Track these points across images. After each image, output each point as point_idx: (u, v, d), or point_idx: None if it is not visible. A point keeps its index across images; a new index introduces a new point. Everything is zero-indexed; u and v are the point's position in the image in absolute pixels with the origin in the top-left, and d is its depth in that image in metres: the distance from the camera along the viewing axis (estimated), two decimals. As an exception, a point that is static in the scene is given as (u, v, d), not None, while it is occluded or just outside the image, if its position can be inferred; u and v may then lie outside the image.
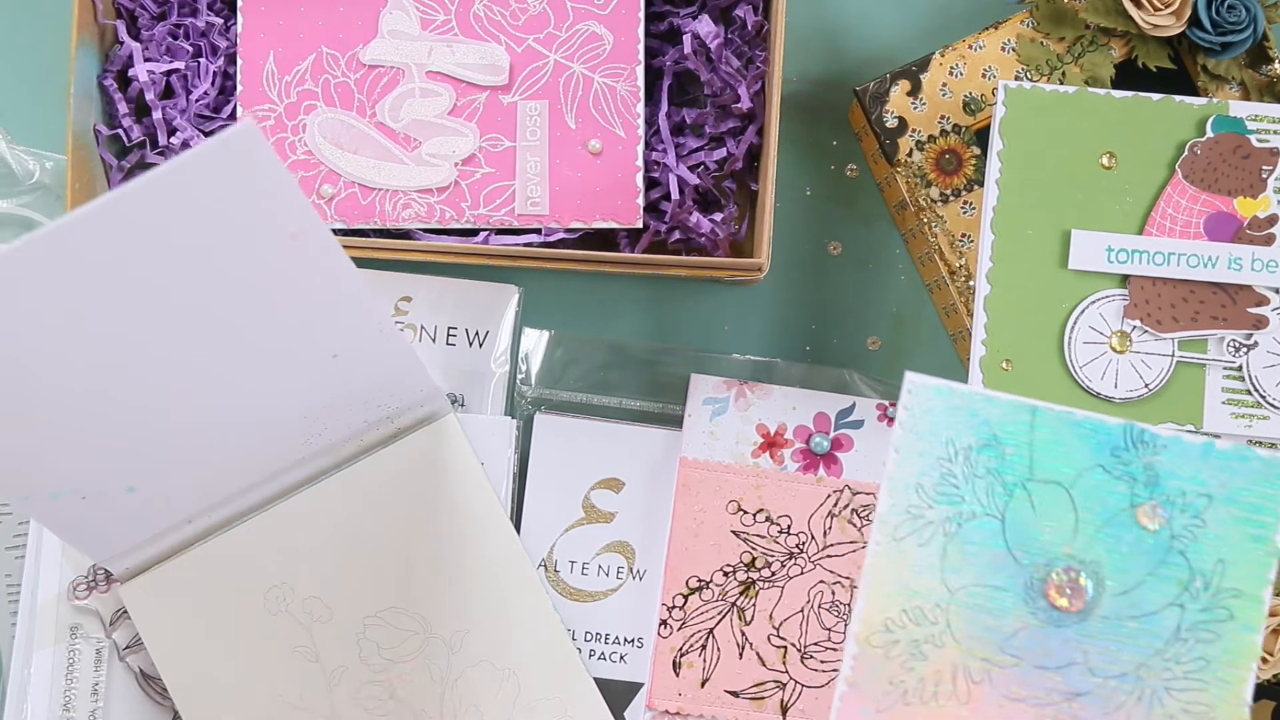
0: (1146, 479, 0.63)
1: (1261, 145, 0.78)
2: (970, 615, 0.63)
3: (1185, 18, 0.80)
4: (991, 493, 0.64)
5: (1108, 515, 0.63)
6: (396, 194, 0.81)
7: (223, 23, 0.82)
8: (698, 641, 0.82)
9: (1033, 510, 0.64)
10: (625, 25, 0.81)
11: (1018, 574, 0.63)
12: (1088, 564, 0.64)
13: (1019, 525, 0.64)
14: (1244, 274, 0.77)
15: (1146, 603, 0.63)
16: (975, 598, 0.64)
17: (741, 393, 0.83)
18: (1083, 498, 0.64)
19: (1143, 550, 0.63)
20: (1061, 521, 0.64)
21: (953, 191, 0.82)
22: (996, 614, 0.63)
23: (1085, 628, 0.63)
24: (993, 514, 0.64)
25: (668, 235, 0.82)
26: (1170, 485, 0.63)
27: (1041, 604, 0.63)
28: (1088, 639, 0.63)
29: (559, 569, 0.82)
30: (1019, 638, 0.63)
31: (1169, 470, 0.63)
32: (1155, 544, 0.63)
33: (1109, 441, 0.64)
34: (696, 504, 0.82)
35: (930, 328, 0.87)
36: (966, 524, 0.64)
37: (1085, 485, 0.63)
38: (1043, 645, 0.63)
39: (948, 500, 0.64)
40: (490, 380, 0.83)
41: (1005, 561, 0.63)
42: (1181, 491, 0.63)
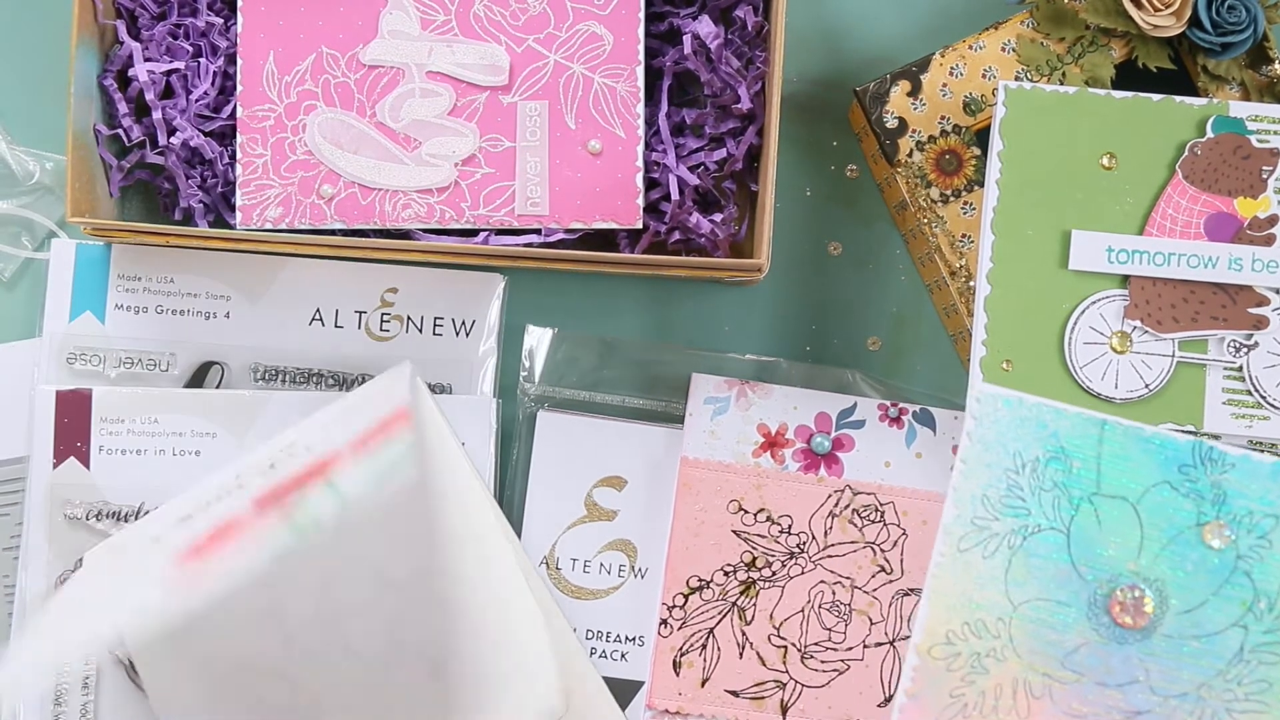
0: (1214, 497, 0.63)
1: (1262, 146, 0.78)
2: (1033, 630, 0.63)
3: (1185, 18, 0.80)
4: (1058, 506, 0.64)
5: (1174, 533, 0.63)
6: (396, 194, 0.81)
7: (223, 23, 0.82)
8: (698, 641, 0.82)
9: (1099, 525, 0.63)
10: (625, 26, 0.81)
11: (1082, 589, 0.63)
12: (1152, 581, 0.63)
13: (1084, 540, 0.63)
14: (1244, 274, 0.77)
15: (1210, 623, 0.63)
16: (1038, 612, 0.64)
17: (743, 392, 0.83)
18: (1149, 514, 0.63)
19: (1207, 569, 0.63)
20: (1127, 538, 0.63)
21: (953, 192, 0.82)
22: (1059, 629, 0.63)
23: (1147, 646, 0.63)
24: (1058, 528, 0.64)
25: (667, 236, 0.82)
26: (1237, 504, 0.63)
27: (1105, 620, 0.63)
28: (1150, 657, 0.63)
29: (560, 566, 0.82)
30: (1081, 654, 0.63)
31: (1237, 489, 0.63)
32: (1220, 563, 0.63)
33: (1177, 458, 0.63)
34: (697, 503, 0.82)
35: (930, 328, 0.87)
36: (1032, 537, 0.64)
37: (1152, 502, 0.63)
38: (1104, 662, 0.63)
39: (1013, 513, 0.64)
40: (477, 369, 0.83)
41: (1069, 576, 0.63)
42: (1249, 511, 0.63)
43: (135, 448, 0.81)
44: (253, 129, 0.81)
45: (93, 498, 0.80)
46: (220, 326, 0.83)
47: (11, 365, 0.82)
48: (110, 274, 0.82)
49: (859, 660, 0.82)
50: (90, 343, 0.82)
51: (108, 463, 0.80)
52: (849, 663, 0.82)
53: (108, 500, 0.80)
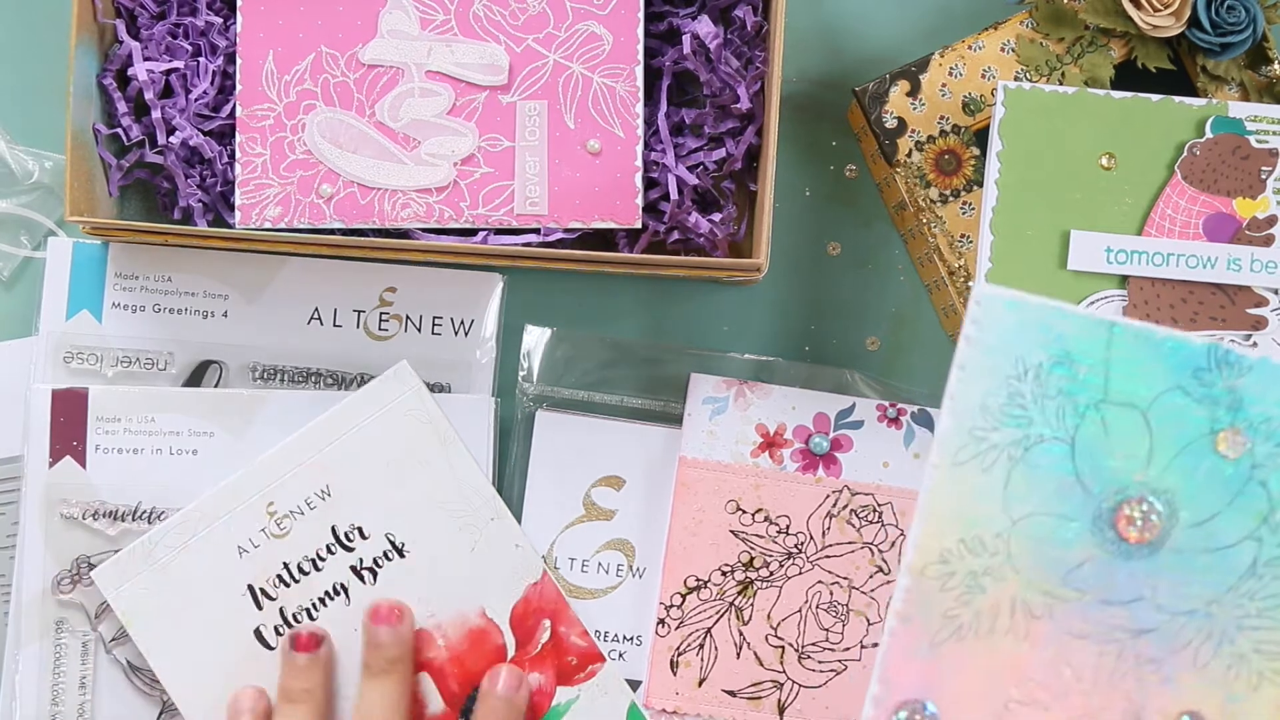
0: (1229, 403, 0.59)
1: (1260, 146, 0.78)
2: (1033, 546, 0.60)
3: (1185, 18, 0.80)
4: (1062, 415, 0.60)
5: (1185, 442, 0.60)
6: (395, 194, 0.81)
7: (222, 22, 0.82)
8: (695, 641, 0.82)
9: (1105, 435, 0.60)
10: (624, 25, 0.81)
11: (1086, 503, 0.60)
12: (1161, 493, 0.60)
13: (1090, 451, 0.60)
14: (1243, 275, 0.77)
15: (1222, 535, 0.59)
16: (1039, 527, 0.60)
17: (741, 392, 0.83)
18: (1159, 422, 0.60)
19: (1220, 480, 0.59)
20: (1136, 448, 0.60)
21: (952, 192, 0.82)
22: (1061, 545, 0.60)
23: (1155, 561, 0.59)
24: (1062, 438, 0.60)
25: (667, 235, 0.82)
26: (1254, 411, 0.59)
27: (1110, 535, 0.60)
28: (1157, 573, 0.59)
29: (559, 566, 0.82)
30: (1084, 570, 0.59)
31: (1254, 394, 0.59)
32: (1234, 473, 0.59)
33: (1191, 361, 0.60)
34: (695, 503, 0.82)
35: (929, 328, 0.87)
36: (1033, 448, 0.60)
37: (1163, 409, 0.59)
38: (1109, 579, 0.60)
39: (1015, 423, 0.60)
40: (476, 369, 0.83)
41: (1073, 489, 0.60)
42: (1266, 418, 0.59)
43: (132, 447, 0.81)
44: (252, 128, 0.81)
45: (89, 497, 0.80)
46: (218, 326, 0.83)
47: (9, 364, 0.82)
48: (108, 273, 0.82)
49: (856, 661, 0.82)
50: (87, 342, 0.82)
51: (104, 462, 0.80)
52: (846, 663, 0.82)
53: (104, 500, 0.80)
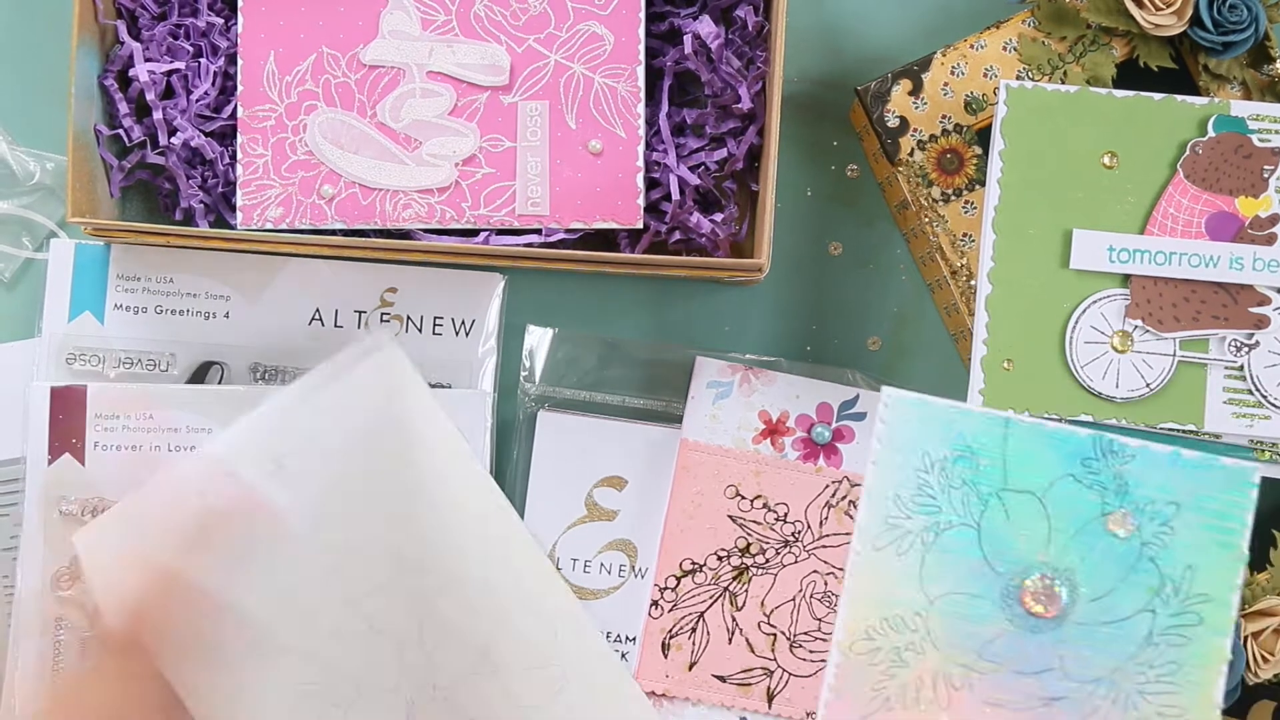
0: (1117, 487, 0.66)
1: (1263, 145, 0.77)
2: (949, 623, 0.66)
3: (1187, 17, 0.80)
4: (967, 502, 0.66)
5: (1080, 523, 0.66)
6: (397, 194, 0.81)
7: (223, 23, 0.82)
8: (688, 624, 0.82)
9: (1007, 519, 0.66)
10: (626, 26, 0.81)
11: (994, 582, 0.65)
12: (1062, 571, 0.66)
13: (995, 534, 0.66)
14: (1245, 273, 0.77)
15: (1119, 609, 0.65)
16: (954, 605, 0.66)
17: (746, 378, 0.83)
18: (1055, 506, 0.66)
19: (1114, 557, 0.65)
20: (1035, 530, 0.66)
21: (954, 191, 0.82)
22: (975, 621, 0.66)
23: (1061, 634, 0.65)
24: (969, 523, 0.66)
25: (668, 235, 0.82)
26: (1139, 493, 0.65)
27: (1018, 611, 0.65)
28: (1063, 644, 0.65)
29: (561, 566, 0.82)
30: (997, 644, 0.65)
31: (1138, 479, 0.65)
32: (1126, 551, 0.65)
33: (1079, 451, 0.66)
34: (695, 486, 0.82)
35: (931, 327, 0.87)
36: (944, 533, 0.66)
37: (1058, 494, 0.66)
38: (1020, 651, 0.65)
39: (925, 510, 0.66)
40: (477, 369, 0.83)
41: (982, 570, 0.66)
42: (1150, 500, 0.66)
43: (130, 444, 0.80)
44: (253, 129, 0.81)
45: (88, 494, 0.80)
46: (220, 326, 0.83)
47: (11, 366, 0.82)
48: (110, 274, 0.82)
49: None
50: (89, 343, 0.82)
51: (103, 459, 0.80)
52: (845, 660, 0.82)
53: (103, 496, 0.80)
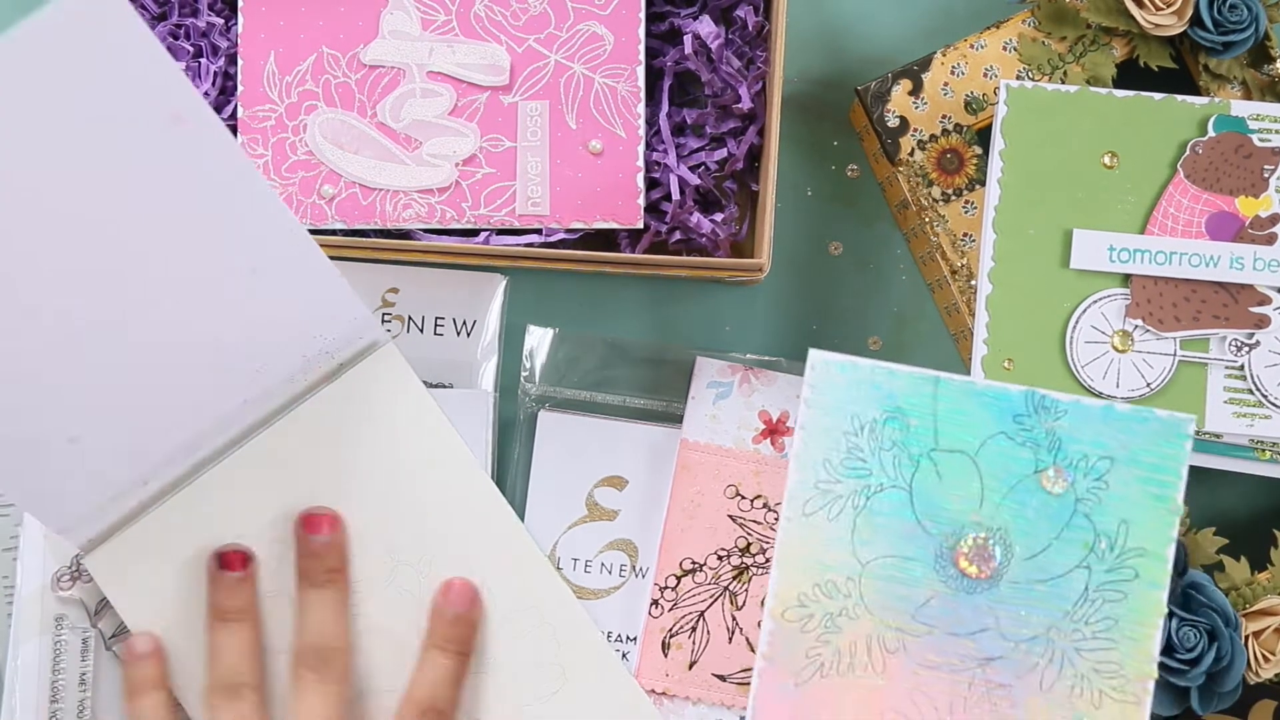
0: (1049, 444, 0.65)
1: (1263, 144, 0.78)
2: (882, 586, 0.65)
3: (1187, 17, 0.80)
4: (898, 464, 0.65)
5: (1013, 481, 0.65)
6: (397, 194, 0.81)
7: (223, 23, 0.82)
8: (688, 623, 0.82)
9: (939, 480, 0.65)
10: (626, 26, 0.81)
11: (927, 543, 0.65)
12: (995, 530, 0.65)
13: (926, 495, 0.65)
14: (1246, 273, 0.77)
15: (1054, 566, 0.65)
16: (886, 569, 0.65)
17: (746, 378, 0.83)
18: (987, 465, 0.65)
19: (1048, 514, 0.65)
20: (968, 490, 0.65)
21: (954, 191, 0.82)
22: (908, 584, 0.65)
23: (995, 593, 0.65)
24: (900, 485, 0.65)
25: (668, 235, 0.82)
26: (1073, 449, 0.65)
27: (952, 572, 0.65)
28: (998, 604, 0.65)
29: (561, 566, 0.82)
30: (931, 606, 0.65)
31: (1070, 434, 0.65)
32: (1060, 508, 0.65)
33: (1011, 408, 0.65)
34: (694, 486, 0.82)
35: (932, 327, 0.87)
36: (875, 496, 0.65)
37: (989, 453, 0.65)
38: (954, 613, 0.65)
39: (855, 474, 0.65)
40: (478, 369, 0.83)
41: (914, 532, 0.65)
42: (1084, 455, 0.65)
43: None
44: (253, 129, 0.81)
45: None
46: (221, 327, 0.83)
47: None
48: (111, 274, 0.82)
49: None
50: (91, 343, 0.82)
51: (103, 458, 0.80)
52: (850, 662, 0.82)
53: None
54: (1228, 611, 0.75)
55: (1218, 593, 0.76)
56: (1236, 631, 0.75)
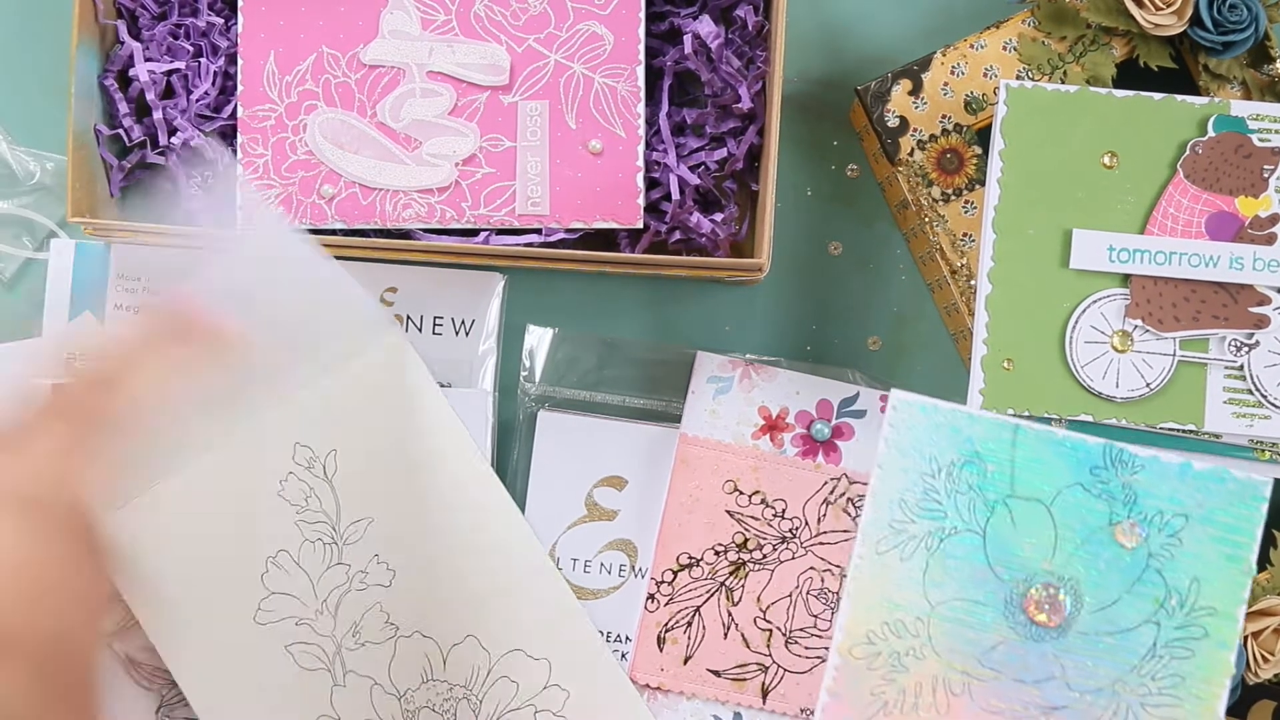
0: (1125, 498, 0.66)
1: (1263, 144, 0.78)
2: (950, 629, 0.66)
3: (1187, 17, 0.80)
4: (973, 508, 0.66)
5: (1086, 533, 0.66)
6: (397, 194, 0.81)
7: (223, 23, 0.82)
8: (684, 618, 0.82)
9: (1013, 526, 0.66)
10: (626, 25, 0.81)
11: (998, 589, 0.65)
12: (1066, 580, 0.65)
13: (1000, 541, 0.66)
14: (1245, 273, 0.77)
15: (1123, 619, 0.65)
16: (956, 611, 0.66)
17: (746, 373, 0.83)
18: (1062, 515, 0.66)
19: (1120, 568, 0.65)
20: (1041, 538, 0.66)
21: (954, 191, 0.82)
22: (976, 628, 0.66)
23: (1063, 643, 0.65)
24: (974, 529, 0.66)
25: (668, 235, 0.82)
26: (1148, 504, 0.65)
27: (1021, 619, 0.65)
28: (1065, 654, 0.65)
29: (561, 566, 0.82)
30: (998, 652, 0.65)
31: (1146, 489, 0.65)
32: (1132, 562, 0.65)
33: (1088, 460, 0.66)
34: (693, 481, 0.82)
35: (931, 327, 0.87)
36: (948, 539, 0.66)
37: (1065, 503, 0.66)
38: (1021, 659, 0.65)
39: (930, 515, 0.66)
40: (477, 369, 0.83)
41: (986, 576, 0.65)
42: (1159, 510, 0.65)
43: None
44: (253, 129, 0.81)
45: (87, 491, 0.80)
46: (220, 326, 0.83)
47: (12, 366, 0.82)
48: (110, 274, 0.82)
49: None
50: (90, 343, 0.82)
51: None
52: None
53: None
54: (1228, 612, 0.75)
55: (1217, 593, 0.76)
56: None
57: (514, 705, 0.79)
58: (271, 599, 0.79)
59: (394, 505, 0.80)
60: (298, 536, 0.79)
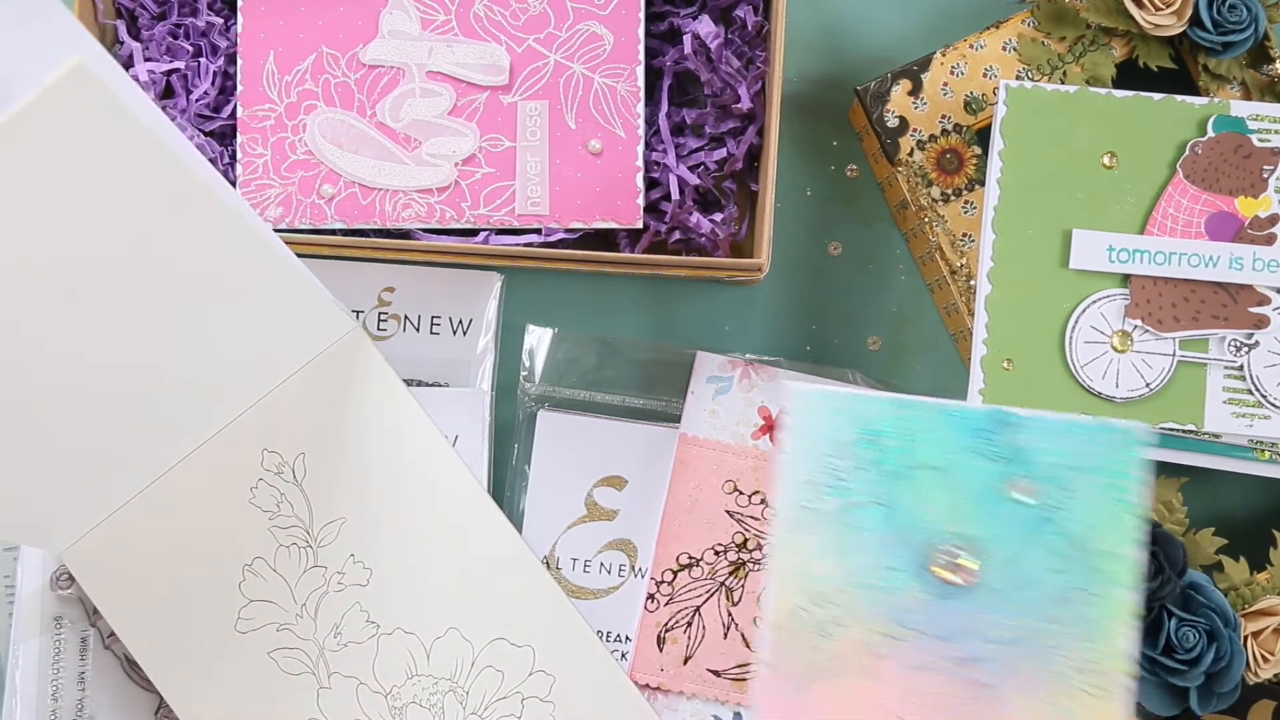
0: (1016, 457, 0.69)
1: (1262, 145, 0.78)
2: (868, 595, 0.69)
3: (1186, 17, 0.80)
4: (876, 482, 0.70)
5: (983, 494, 0.69)
6: (397, 194, 0.81)
7: (223, 22, 0.82)
8: (684, 618, 0.82)
9: (915, 495, 0.69)
10: (625, 25, 0.81)
11: (908, 554, 0.69)
12: (970, 540, 0.69)
13: (904, 510, 0.69)
14: (1245, 273, 0.77)
15: (1028, 571, 0.68)
16: (871, 579, 0.69)
17: (746, 373, 0.83)
18: (959, 479, 0.69)
19: (1019, 523, 0.69)
20: (942, 503, 0.69)
21: (954, 191, 0.82)
22: (892, 592, 0.69)
23: (974, 599, 0.69)
24: (880, 501, 0.69)
25: (668, 235, 0.82)
26: (1038, 461, 0.69)
27: (932, 580, 0.69)
28: (978, 609, 0.69)
29: (560, 566, 0.82)
30: (915, 613, 0.69)
31: (1035, 447, 0.68)
32: (1030, 516, 0.69)
33: (978, 426, 0.69)
34: (693, 481, 0.82)
35: (931, 327, 0.87)
36: (856, 512, 0.70)
37: (960, 468, 0.69)
38: (937, 618, 0.69)
39: (837, 493, 0.70)
40: (475, 368, 0.83)
41: (894, 544, 0.69)
42: (1049, 465, 0.69)
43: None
44: (253, 129, 0.81)
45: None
46: (220, 326, 0.83)
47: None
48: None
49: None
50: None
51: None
52: (846, 661, 0.82)
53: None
54: (1227, 612, 0.75)
55: (1217, 593, 0.76)
56: (1236, 632, 0.75)
57: (501, 694, 0.79)
58: (250, 607, 0.79)
59: (365, 503, 0.80)
60: (272, 543, 0.79)
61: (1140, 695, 0.76)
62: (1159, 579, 0.75)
